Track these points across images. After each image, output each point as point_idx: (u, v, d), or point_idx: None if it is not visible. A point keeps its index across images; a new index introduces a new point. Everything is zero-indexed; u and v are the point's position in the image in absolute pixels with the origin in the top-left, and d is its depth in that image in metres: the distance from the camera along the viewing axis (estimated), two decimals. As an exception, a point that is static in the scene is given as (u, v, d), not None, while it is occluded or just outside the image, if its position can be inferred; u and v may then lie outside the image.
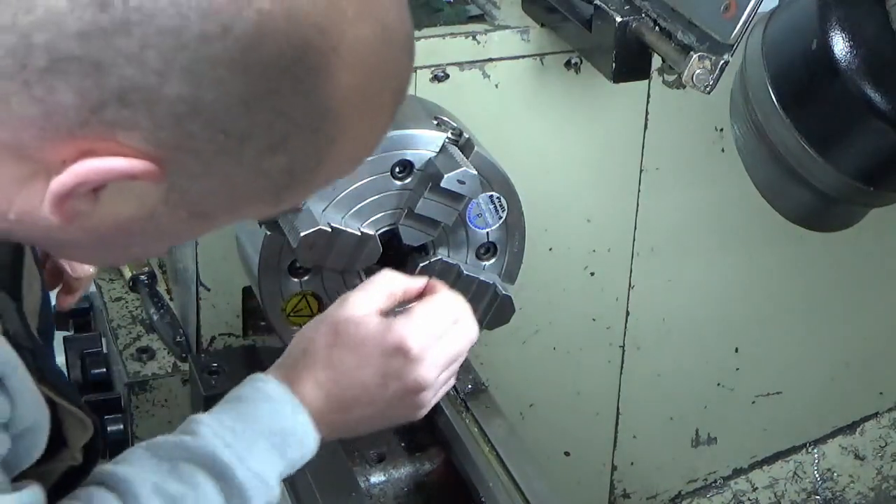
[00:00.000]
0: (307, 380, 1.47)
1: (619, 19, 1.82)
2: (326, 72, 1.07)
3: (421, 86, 1.99)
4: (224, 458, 1.37)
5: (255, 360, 1.99)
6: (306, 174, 1.13)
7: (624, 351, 2.36)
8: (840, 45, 1.71)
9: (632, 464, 2.47)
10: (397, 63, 1.14)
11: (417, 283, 1.58)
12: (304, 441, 1.45)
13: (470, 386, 1.97)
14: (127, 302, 2.25)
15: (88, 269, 1.64)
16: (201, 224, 1.16)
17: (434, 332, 1.53)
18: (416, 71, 1.98)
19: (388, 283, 1.55)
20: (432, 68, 1.99)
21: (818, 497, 2.65)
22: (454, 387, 1.97)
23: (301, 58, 1.05)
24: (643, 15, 1.82)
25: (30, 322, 1.37)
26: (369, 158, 1.67)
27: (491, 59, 2.03)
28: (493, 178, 1.76)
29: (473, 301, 1.80)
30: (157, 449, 1.38)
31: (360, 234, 1.70)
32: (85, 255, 1.30)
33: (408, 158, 1.71)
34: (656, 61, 1.93)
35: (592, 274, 2.26)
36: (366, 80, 1.10)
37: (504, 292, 1.81)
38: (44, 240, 1.17)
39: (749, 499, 2.60)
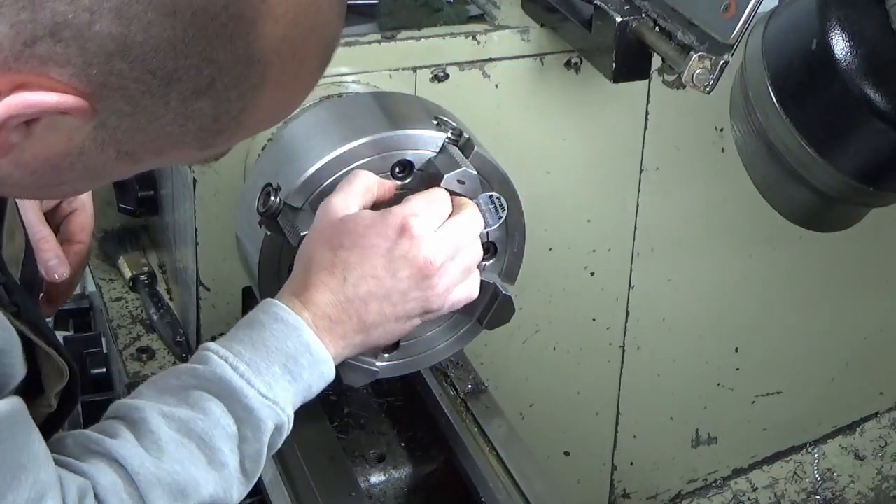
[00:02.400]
0: (317, 288, 1.50)
1: (619, 19, 1.82)
2: (254, 20, 1.11)
3: (421, 86, 1.99)
4: (234, 383, 1.40)
5: (255, 360, 1.98)
6: (231, 121, 1.17)
7: (624, 351, 2.36)
8: (840, 45, 1.71)
9: (632, 463, 2.47)
10: (325, 17, 1.17)
11: (388, 182, 1.63)
12: (318, 360, 1.47)
13: (470, 386, 1.98)
14: (127, 302, 2.25)
15: (64, 274, 1.65)
16: (128, 164, 1.19)
17: (434, 213, 1.56)
18: (415, 71, 1.98)
19: (363, 180, 1.60)
20: (432, 68, 1.99)
21: (818, 497, 2.65)
22: (454, 386, 1.97)
23: (230, 5, 1.09)
24: (643, 15, 1.82)
25: (10, 269, 1.38)
26: (369, 158, 1.69)
27: (491, 59, 2.03)
28: (493, 178, 1.75)
29: (473, 301, 1.80)
30: (169, 378, 1.42)
31: (360, 234, 1.70)
32: (19, 191, 1.32)
33: (408, 158, 1.71)
34: (656, 61, 1.93)
35: (592, 274, 2.26)
36: (292, 31, 1.14)
37: (504, 292, 1.80)
38: None
39: (749, 499, 2.60)
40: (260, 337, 1.46)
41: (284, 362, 1.44)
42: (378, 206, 1.60)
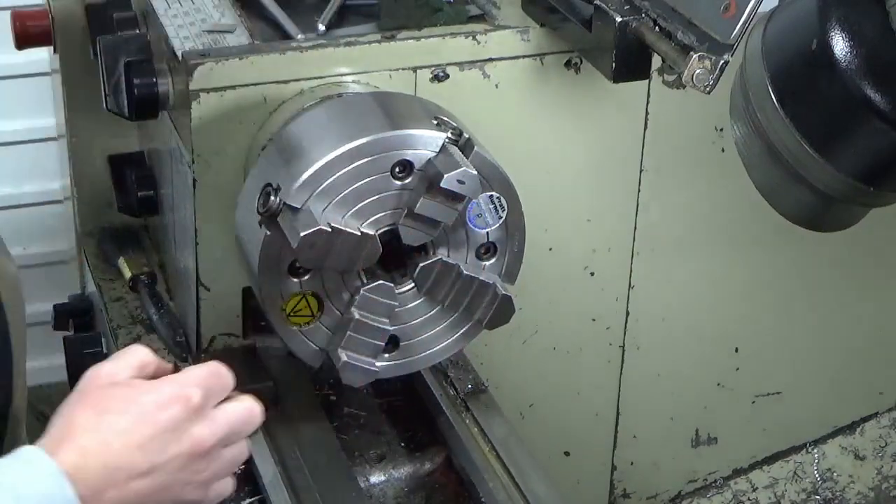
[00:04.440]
0: (71, 449, 1.37)
1: (619, 19, 1.82)
2: None
3: (421, 86, 1.99)
4: None
5: (255, 360, 1.99)
6: None
7: (624, 351, 2.36)
8: (840, 45, 1.71)
9: (632, 464, 2.47)
10: None
11: (167, 364, 1.52)
12: None
13: (470, 386, 1.98)
14: (127, 302, 2.26)
15: None
16: None
17: (216, 390, 1.46)
18: (415, 71, 1.99)
19: (140, 354, 1.49)
20: (432, 68, 1.99)
21: (818, 497, 2.65)
22: (454, 386, 1.97)
23: None
24: (643, 15, 1.82)
25: None
26: (369, 158, 1.69)
27: (491, 59, 2.03)
28: (493, 178, 1.76)
29: (473, 301, 1.80)
30: None
31: (360, 234, 1.71)
32: None
33: (408, 158, 1.71)
34: (656, 61, 1.93)
35: (592, 274, 2.26)
36: None
37: (504, 292, 1.81)
38: None
39: (749, 499, 2.60)
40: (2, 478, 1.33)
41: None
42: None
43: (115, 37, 2.04)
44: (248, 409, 1.50)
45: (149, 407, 1.41)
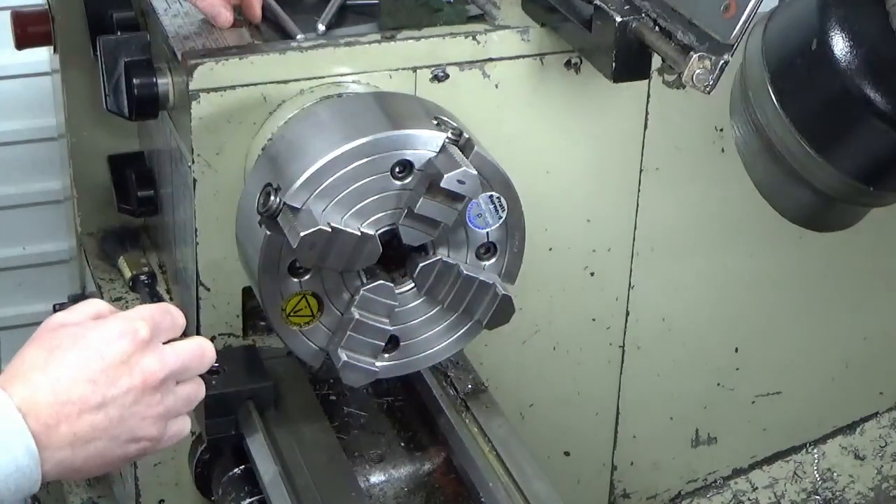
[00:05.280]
0: (22, 384, 1.37)
1: (619, 19, 1.82)
2: None
3: (421, 86, 1.99)
4: None
5: (255, 360, 1.99)
6: None
7: (624, 351, 2.36)
8: (840, 44, 1.71)
9: (632, 464, 2.47)
10: None
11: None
12: (11, 446, 1.33)
13: (470, 386, 1.98)
14: (127, 302, 2.26)
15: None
16: None
17: (166, 325, 1.46)
18: (415, 71, 1.98)
19: (95, 306, 1.48)
20: (432, 68, 1.99)
21: (818, 497, 2.65)
22: (454, 386, 1.97)
23: None
24: (643, 15, 1.82)
25: None
26: (369, 158, 1.69)
27: (491, 59, 2.03)
28: (493, 178, 1.76)
29: (473, 301, 1.80)
30: None
31: (360, 234, 1.70)
32: None
33: (408, 158, 1.71)
34: (656, 61, 1.93)
35: (592, 274, 2.26)
36: None
37: (504, 292, 1.81)
38: None
39: (749, 499, 2.60)
40: None
41: None
42: None
43: (115, 37, 2.04)
44: (199, 345, 1.50)
45: (97, 342, 1.40)
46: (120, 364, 1.40)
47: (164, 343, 1.46)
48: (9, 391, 1.36)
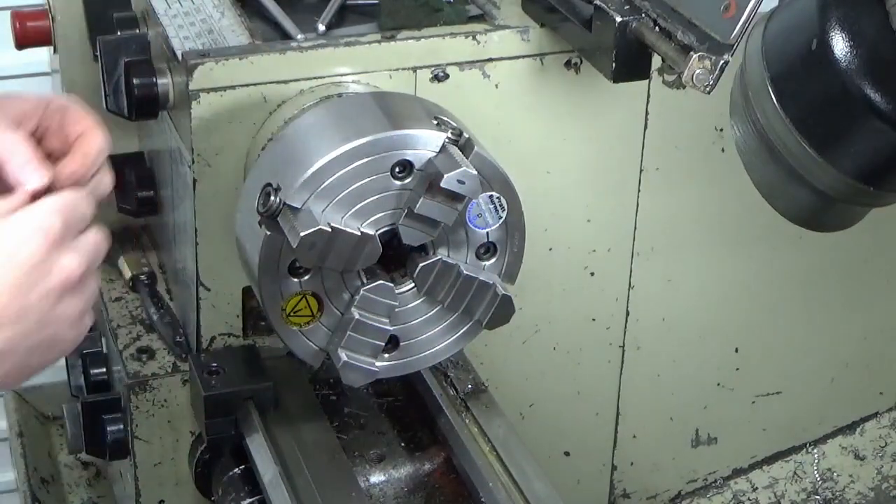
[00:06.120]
0: None
1: (619, 19, 1.82)
2: None
3: (421, 86, 1.99)
4: None
5: (255, 360, 1.99)
6: None
7: (624, 351, 2.36)
8: (840, 44, 1.71)
9: (632, 464, 2.47)
10: None
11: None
12: None
13: (470, 386, 1.98)
14: (127, 302, 2.25)
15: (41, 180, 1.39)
16: None
17: (80, 215, 1.35)
18: (415, 71, 1.98)
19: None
20: (432, 68, 1.99)
21: (818, 497, 2.65)
22: (454, 386, 1.97)
23: None
24: (643, 15, 1.82)
25: None
26: (369, 158, 1.69)
27: (491, 59, 2.03)
28: (493, 178, 1.76)
29: (473, 301, 1.80)
30: None
31: (359, 234, 1.71)
32: None
33: (408, 158, 1.71)
34: (656, 61, 1.93)
35: (592, 274, 2.26)
36: None
37: (504, 292, 1.81)
38: None
39: (749, 499, 2.60)
40: None
41: None
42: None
43: (115, 37, 2.04)
44: (102, 234, 1.41)
45: (8, 248, 1.29)
46: (36, 267, 1.30)
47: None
48: None
